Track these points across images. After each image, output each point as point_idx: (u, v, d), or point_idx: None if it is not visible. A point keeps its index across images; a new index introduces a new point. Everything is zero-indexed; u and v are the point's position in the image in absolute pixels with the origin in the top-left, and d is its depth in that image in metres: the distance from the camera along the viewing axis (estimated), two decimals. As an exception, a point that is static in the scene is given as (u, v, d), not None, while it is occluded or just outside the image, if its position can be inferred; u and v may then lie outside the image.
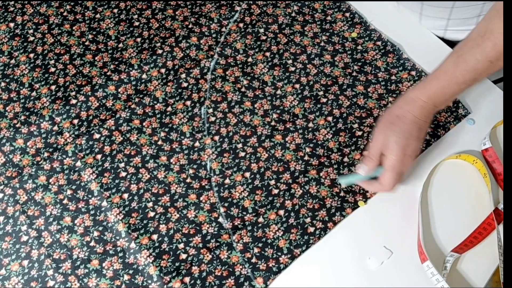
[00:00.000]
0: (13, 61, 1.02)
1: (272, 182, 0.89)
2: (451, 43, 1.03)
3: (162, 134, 0.94)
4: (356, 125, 0.94)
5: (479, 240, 0.83)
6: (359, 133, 0.93)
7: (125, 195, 0.89)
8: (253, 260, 0.84)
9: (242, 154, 0.92)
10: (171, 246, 0.85)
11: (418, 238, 0.83)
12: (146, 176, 0.91)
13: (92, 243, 0.86)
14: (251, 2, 1.08)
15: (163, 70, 1.00)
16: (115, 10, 1.08)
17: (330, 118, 0.95)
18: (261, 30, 1.05)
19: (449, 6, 0.96)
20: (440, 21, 1.01)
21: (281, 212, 0.87)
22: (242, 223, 0.86)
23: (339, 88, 0.98)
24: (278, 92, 0.98)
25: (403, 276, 0.83)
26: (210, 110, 0.96)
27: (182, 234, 0.86)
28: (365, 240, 0.85)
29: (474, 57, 0.77)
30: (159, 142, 0.94)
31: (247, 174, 0.90)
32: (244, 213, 0.87)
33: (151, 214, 0.87)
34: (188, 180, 0.90)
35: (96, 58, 1.02)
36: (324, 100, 0.97)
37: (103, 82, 0.99)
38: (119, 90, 0.98)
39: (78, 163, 0.92)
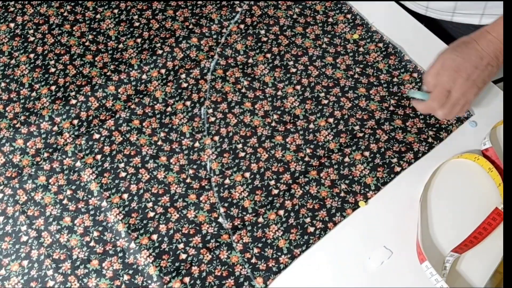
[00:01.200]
0: (13, 61, 1.05)
1: (272, 182, 0.92)
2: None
3: (162, 134, 0.97)
4: (357, 127, 0.97)
5: (479, 240, 0.86)
6: (360, 134, 0.96)
7: (125, 195, 0.92)
8: (253, 260, 0.86)
9: (242, 154, 0.95)
10: (171, 246, 0.88)
11: (417, 238, 0.86)
12: (146, 176, 0.94)
13: (92, 243, 0.89)
14: (252, 3, 1.12)
15: (163, 71, 1.04)
16: (116, 11, 1.11)
17: (331, 120, 0.98)
18: (262, 32, 1.08)
19: None
20: (448, 3, 1.04)
21: (281, 212, 0.90)
22: (242, 223, 0.89)
23: (340, 90, 1.01)
24: (279, 93, 1.01)
25: (403, 276, 0.85)
26: (210, 111, 0.99)
27: (182, 234, 0.88)
28: (365, 240, 0.88)
29: None
30: (159, 143, 0.97)
31: (247, 174, 0.93)
32: (244, 213, 0.90)
33: (151, 214, 0.90)
34: (188, 180, 0.93)
35: (96, 58, 1.05)
36: (326, 102, 1.00)
37: (103, 83, 1.02)
38: (119, 90, 1.01)
39: (78, 164, 0.95)
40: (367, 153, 0.94)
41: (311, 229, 0.88)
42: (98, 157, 0.96)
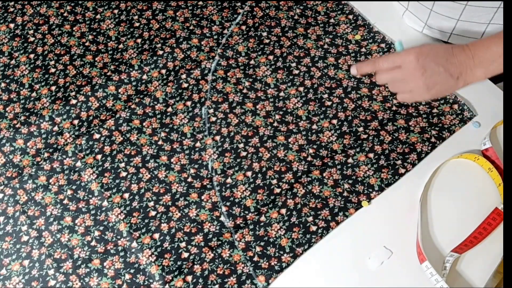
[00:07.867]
0: (13, 61, 1.14)
1: (274, 181, 1.00)
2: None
3: (163, 134, 1.05)
4: (361, 129, 1.04)
5: (479, 240, 0.92)
6: (364, 136, 1.04)
7: (126, 195, 1.00)
8: (255, 258, 0.93)
9: (243, 153, 1.03)
10: (173, 245, 0.95)
11: (417, 238, 0.92)
12: (146, 175, 1.01)
13: (93, 243, 0.96)
14: (254, 4, 1.20)
15: (163, 71, 1.12)
16: (116, 11, 1.20)
17: (335, 121, 1.05)
18: (264, 34, 1.16)
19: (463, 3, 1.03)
20: (448, 22, 1.08)
21: (283, 211, 0.97)
22: (244, 222, 0.96)
23: (343, 91, 1.09)
24: (281, 94, 1.09)
25: (403, 276, 0.91)
26: (211, 111, 1.07)
27: (183, 233, 0.96)
28: (365, 240, 0.94)
29: None
30: (160, 142, 1.04)
31: (249, 174, 1.01)
32: (246, 212, 0.97)
33: (152, 213, 0.98)
34: (189, 179, 1.01)
35: (96, 58, 1.14)
36: (329, 103, 1.07)
37: (103, 83, 1.10)
38: (120, 90, 1.09)
39: (78, 163, 1.03)
40: (371, 155, 1.02)
41: (313, 228, 0.96)
42: (99, 157, 1.03)
